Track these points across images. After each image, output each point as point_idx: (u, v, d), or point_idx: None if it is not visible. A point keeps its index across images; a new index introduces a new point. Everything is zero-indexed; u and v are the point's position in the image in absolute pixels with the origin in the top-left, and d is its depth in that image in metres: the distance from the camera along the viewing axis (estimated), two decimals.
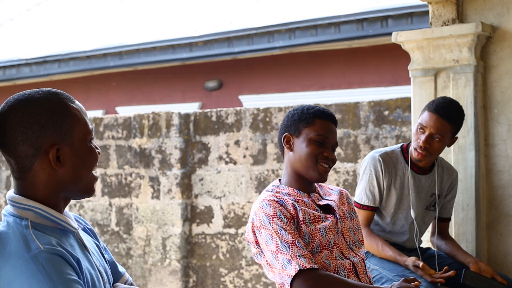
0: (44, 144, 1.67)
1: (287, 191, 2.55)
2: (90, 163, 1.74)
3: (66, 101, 1.73)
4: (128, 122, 6.15)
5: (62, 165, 1.69)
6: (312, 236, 2.45)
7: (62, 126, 1.69)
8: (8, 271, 1.56)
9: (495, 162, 3.63)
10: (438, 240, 3.49)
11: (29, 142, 1.66)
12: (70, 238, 1.71)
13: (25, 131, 1.66)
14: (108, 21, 9.89)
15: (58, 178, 1.70)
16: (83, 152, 1.73)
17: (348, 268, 2.47)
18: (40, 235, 1.61)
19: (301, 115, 2.55)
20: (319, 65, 7.87)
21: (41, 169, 1.68)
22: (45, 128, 1.67)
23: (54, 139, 1.68)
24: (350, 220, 2.61)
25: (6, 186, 6.80)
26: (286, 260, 2.35)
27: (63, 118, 1.70)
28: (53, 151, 1.67)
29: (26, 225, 1.64)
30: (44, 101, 1.69)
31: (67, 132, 1.70)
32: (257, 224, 2.44)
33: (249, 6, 8.52)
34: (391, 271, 3.21)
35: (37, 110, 1.67)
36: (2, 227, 1.67)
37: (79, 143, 1.71)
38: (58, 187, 1.70)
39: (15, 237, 1.61)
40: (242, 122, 5.67)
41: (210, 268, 5.79)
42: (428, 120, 3.22)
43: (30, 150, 1.67)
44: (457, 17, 3.69)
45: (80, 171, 1.72)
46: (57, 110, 1.69)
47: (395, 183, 3.31)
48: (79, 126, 1.73)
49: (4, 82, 9.83)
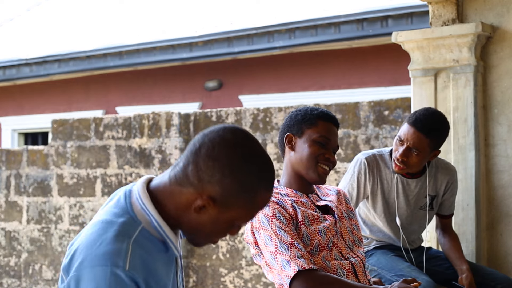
0: (207, 188, 1.57)
1: (286, 192, 2.55)
2: (214, 234, 1.64)
3: (266, 189, 1.62)
4: (128, 122, 6.15)
5: (199, 214, 1.60)
6: (311, 236, 2.45)
7: (236, 197, 1.59)
8: (84, 268, 1.51)
9: (495, 162, 3.63)
10: (440, 236, 3.47)
11: (206, 176, 1.57)
12: (168, 258, 1.65)
13: (217, 167, 1.57)
14: (108, 21, 9.89)
15: (188, 216, 1.61)
16: (221, 224, 1.61)
17: (347, 269, 2.47)
18: (136, 251, 1.55)
19: (305, 116, 2.55)
20: (319, 65, 7.87)
21: (188, 194, 1.60)
22: (226, 182, 1.57)
23: (218, 194, 1.58)
24: (348, 220, 2.61)
25: (6, 186, 6.81)
26: (285, 261, 2.35)
27: (244, 195, 1.59)
28: (205, 200, 1.58)
29: (131, 235, 1.57)
30: (255, 170, 1.59)
31: (229, 203, 1.58)
32: (256, 225, 2.44)
33: (249, 6, 8.52)
34: (390, 271, 3.21)
35: (241, 166, 1.58)
36: (115, 215, 1.60)
37: (225, 218, 1.61)
38: (181, 220, 1.63)
39: (114, 239, 1.54)
40: (242, 122, 5.67)
41: (210, 268, 5.79)
42: (406, 133, 3.14)
43: (195, 178, 1.58)
44: (457, 17, 3.69)
45: (202, 231, 1.63)
46: (248, 186, 1.58)
47: (381, 187, 3.27)
48: (242, 210, 1.61)
49: (4, 82, 9.83)
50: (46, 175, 6.56)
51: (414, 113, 3.19)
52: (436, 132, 3.15)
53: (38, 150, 6.67)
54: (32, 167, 6.66)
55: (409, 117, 3.19)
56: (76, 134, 6.41)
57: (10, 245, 6.77)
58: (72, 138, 6.42)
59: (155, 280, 1.58)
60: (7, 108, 10.29)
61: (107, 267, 1.50)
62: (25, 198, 6.69)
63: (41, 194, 6.58)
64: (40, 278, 6.59)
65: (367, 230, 3.39)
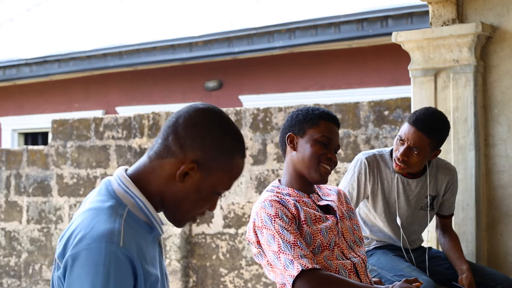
0: (190, 154, 1.64)
1: (288, 192, 2.56)
2: (198, 204, 1.69)
3: (240, 155, 1.70)
4: (128, 122, 6.15)
5: (183, 182, 1.65)
6: (313, 236, 2.46)
7: (217, 160, 1.65)
8: (80, 248, 1.54)
9: (495, 162, 3.63)
10: (440, 237, 3.47)
11: (187, 141, 1.65)
12: (153, 239, 1.68)
13: (197, 132, 1.65)
14: (108, 21, 9.89)
15: (171, 188, 1.67)
16: (204, 192, 1.67)
17: (349, 269, 2.48)
18: (128, 230, 1.58)
19: (306, 115, 2.56)
20: (319, 65, 7.87)
21: (171, 165, 1.65)
22: (207, 144, 1.64)
23: (200, 158, 1.65)
24: (349, 220, 2.62)
25: (6, 186, 6.81)
26: (288, 260, 2.35)
27: (223, 157, 1.66)
28: (189, 165, 1.64)
29: (121, 214, 1.60)
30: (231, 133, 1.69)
31: (211, 167, 1.66)
32: (259, 224, 2.44)
33: (249, 6, 8.52)
34: (390, 271, 3.21)
35: (218, 129, 1.66)
36: (101, 202, 1.64)
37: (208, 183, 1.66)
38: (165, 194, 1.67)
39: (107, 220, 1.58)
40: (242, 122, 5.67)
41: (210, 268, 5.79)
42: (407, 132, 3.13)
43: (177, 146, 1.65)
44: (457, 17, 3.69)
45: (185, 201, 1.67)
46: (227, 148, 1.67)
47: (382, 187, 3.27)
48: (223, 175, 1.67)
49: (4, 82, 9.83)
50: (46, 175, 6.56)
51: (415, 113, 3.19)
52: (437, 132, 3.15)
53: (38, 150, 6.67)
54: (32, 167, 6.66)
55: (409, 117, 3.18)
56: (76, 134, 6.41)
57: (10, 245, 6.77)
58: (72, 138, 6.42)
59: (146, 259, 1.61)
60: (7, 108, 10.29)
61: (102, 243, 1.53)
62: (25, 198, 6.69)
63: (41, 194, 6.58)
64: (40, 278, 6.59)
65: (367, 230, 3.39)
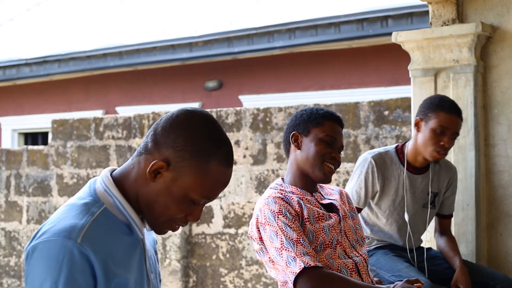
0: (162, 151, 1.60)
1: (291, 190, 2.57)
2: (170, 208, 1.62)
3: (219, 163, 1.62)
4: (128, 122, 6.15)
5: (154, 181, 1.61)
6: (316, 234, 2.47)
7: (187, 161, 1.59)
8: (40, 240, 1.54)
9: (495, 162, 3.63)
10: (438, 239, 3.48)
11: (161, 139, 1.61)
12: (133, 241, 1.65)
13: (173, 131, 1.61)
14: (108, 21, 9.89)
15: (145, 187, 1.63)
16: (175, 195, 1.61)
17: (350, 268, 2.48)
18: (95, 229, 1.56)
19: (311, 115, 2.59)
20: (319, 65, 7.87)
21: (145, 161, 1.62)
22: (179, 143, 1.59)
23: (171, 157, 1.60)
24: (351, 220, 2.63)
25: (6, 186, 6.81)
26: (290, 257, 2.36)
27: (195, 160, 1.59)
28: (158, 163, 1.59)
29: (93, 212, 1.59)
30: (210, 138, 1.62)
31: (182, 168, 1.59)
32: (262, 221, 2.45)
33: (249, 6, 8.52)
34: (388, 271, 3.21)
35: (196, 131, 1.61)
36: (79, 199, 1.63)
37: (179, 186, 1.60)
38: (139, 194, 1.64)
39: (74, 217, 1.57)
40: (242, 122, 5.67)
41: (210, 268, 5.79)
42: (448, 121, 3.21)
43: (153, 143, 1.62)
44: (457, 17, 3.69)
45: (157, 203, 1.62)
46: (201, 151, 1.60)
47: (389, 185, 3.30)
48: (195, 179, 1.60)
49: (4, 82, 9.83)
50: (46, 175, 6.56)
51: (441, 102, 3.25)
52: (461, 114, 3.31)
53: (38, 150, 6.68)
54: (32, 167, 6.66)
55: (439, 106, 3.23)
56: (76, 134, 6.41)
57: (10, 245, 6.77)
58: (72, 138, 6.42)
59: (114, 262, 1.58)
60: (7, 108, 10.29)
61: (59, 238, 1.52)
62: (25, 198, 6.69)
63: (41, 194, 6.58)
64: None
65: (368, 230, 3.40)
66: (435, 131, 3.22)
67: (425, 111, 3.27)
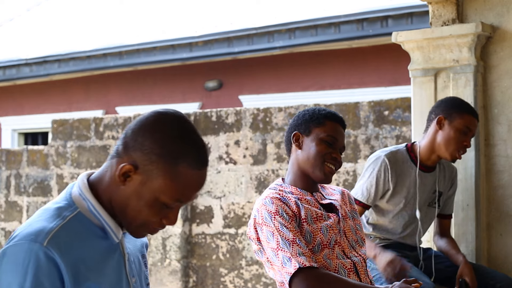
0: (130, 154, 1.59)
1: (290, 190, 2.57)
2: (142, 212, 1.60)
3: (189, 165, 1.58)
4: (128, 122, 6.15)
5: (124, 184, 1.60)
6: (313, 234, 2.46)
7: (155, 164, 1.57)
8: (10, 244, 1.54)
9: (495, 162, 3.63)
10: (438, 239, 3.50)
11: (130, 142, 1.59)
12: (109, 246, 1.64)
13: (142, 133, 1.59)
14: (108, 21, 9.89)
15: (117, 191, 1.62)
16: (145, 198, 1.59)
17: (348, 268, 2.48)
18: (65, 233, 1.55)
19: (312, 115, 2.59)
20: (319, 65, 7.87)
21: (115, 165, 1.61)
22: (147, 146, 1.58)
23: (138, 160, 1.58)
24: (352, 220, 2.62)
25: (6, 186, 6.81)
26: (286, 257, 2.36)
27: (163, 162, 1.57)
28: (126, 166, 1.58)
29: (65, 216, 1.59)
30: (180, 140, 1.59)
31: (150, 170, 1.57)
32: (259, 221, 2.46)
33: (249, 6, 8.52)
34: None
35: (165, 133, 1.59)
36: (54, 203, 1.63)
37: (148, 189, 1.58)
38: (112, 198, 1.63)
39: (44, 221, 1.57)
40: (242, 122, 5.67)
41: (210, 268, 5.79)
42: (472, 122, 3.28)
43: (123, 146, 1.61)
44: (457, 17, 3.69)
45: (128, 207, 1.61)
46: (170, 153, 1.57)
47: (403, 182, 3.32)
48: (164, 181, 1.57)
49: (4, 82, 9.83)
50: (46, 175, 6.56)
51: (461, 103, 3.32)
52: None
53: (38, 150, 6.68)
54: (32, 167, 6.66)
55: (461, 107, 3.29)
56: (76, 134, 6.41)
57: None
58: (72, 138, 6.42)
59: (86, 265, 1.57)
60: (7, 108, 10.29)
61: (26, 241, 1.52)
62: (25, 198, 6.69)
63: (41, 194, 6.58)
64: None
65: (370, 228, 3.41)
66: (461, 131, 3.26)
67: (449, 110, 3.29)
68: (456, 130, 3.25)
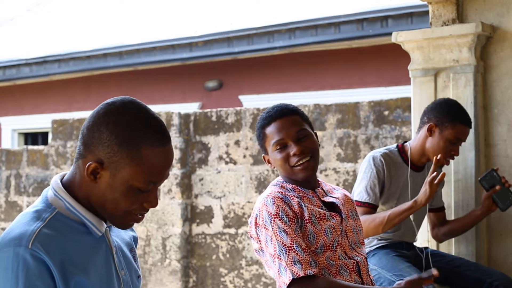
0: (93, 152, 1.61)
1: (292, 187, 2.51)
2: (120, 203, 1.63)
3: (151, 145, 1.60)
4: None
5: (97, 183, 1.62)
6: (316, 236, 2.42)
7: (118, 154, 1.59)
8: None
9: (495, 162, 3.63)
10: (442, 228, 3.51)
11: (89, 141, 1.61)
12: (94, 241, 1.67)
13: (97, 128, 1.60)
14: (108, 21, 9.89)
15: (92, 189, 1.64)
16: (119, 189, 1.61)
17: (351, 268, 2.45)
18: (47, 233, 1.57)
19: (258, 128, 2.54)
20: (319, 65, 7.87)
21: (82, 169, 1.63)
22: (104, 139, 1.59)
23: (102, 156, 1.60)
24: (353, 221, 2.59)
25: (6, 186, 6.81)
26: (282, 266, 2.34)
27: (125, 149, 1.59)
28: (92, 165, 1.60)
29: (45, 218, 1.61)
30: (133, 123, 1.59)
31: (116, 162, 1.59)
32: (259, 222, 2.43)
33: (249, 6, 8.52)
34: (389, 271, 3.21)
35: (116, 122, 1.60)
36: (32, 207, 1.66)
37: (119, 180, 1.60)
38: (89, 196, 1.65)
39: (24, 225, 1.58)
40: (242, 122, 5.67)
41: (210, 268, 5.79)
42: (463, 132, 3.30)
43: (83, 147, 1.62)
44: (457, 17, 3.69)
45: (106, 202, 1.63)
46: (128, 139, 1.59)
47: (397, 182, 3.33)
48: (132, 169, 1.59)
49: (4, 82, 9.83)
50: (46, 175, 6.56)
51: (458, 111, 3.31)
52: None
53: (38, 150, 6.68)
54: (32, 167, 6.66)
55: (457, 117, 3.28)
56: (76, 134, 6.41)
57: None
58: (72, 138, 6.42)
59: (71, 261, 1.58)
60: (7, 108, 10.29)
61: (10, 247, 1.53)
62: (25, 198, 6.69)
63: (41, 194, 6.58)
64: None
65: None
66: (450, 141, 3.27)
67: (441, 118, 3.28)
68: (445, 140, 3.27)
